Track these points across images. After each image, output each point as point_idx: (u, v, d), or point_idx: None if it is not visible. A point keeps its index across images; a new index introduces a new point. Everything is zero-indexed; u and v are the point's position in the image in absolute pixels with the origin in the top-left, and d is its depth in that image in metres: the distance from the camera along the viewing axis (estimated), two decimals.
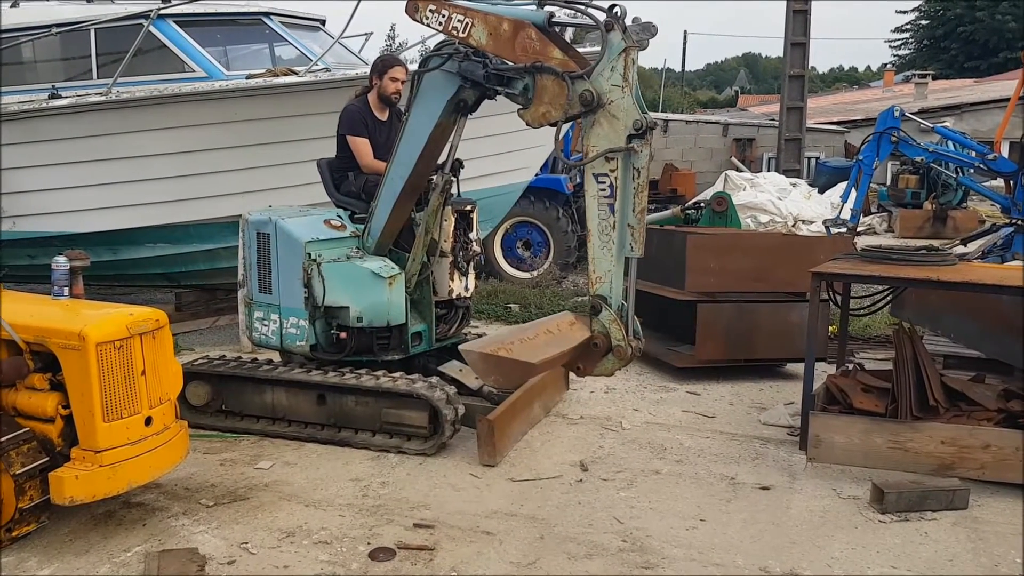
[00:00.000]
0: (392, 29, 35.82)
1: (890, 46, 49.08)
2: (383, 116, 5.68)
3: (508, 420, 4.92)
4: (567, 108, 3.96)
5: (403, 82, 5.57)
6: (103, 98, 7.18)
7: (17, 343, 3.77)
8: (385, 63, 5.71)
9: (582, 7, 3.98)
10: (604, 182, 3.91)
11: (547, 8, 4.08)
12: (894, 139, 10.75)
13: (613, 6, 3.84)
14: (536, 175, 9.25)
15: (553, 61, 4.01)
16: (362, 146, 5.55)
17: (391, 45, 30.65)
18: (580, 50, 4.41)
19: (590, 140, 3.94)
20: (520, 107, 4.20)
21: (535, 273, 10.67)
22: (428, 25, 4.41)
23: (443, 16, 4.28)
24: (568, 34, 4.98)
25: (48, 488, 3.61)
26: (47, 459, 3.67)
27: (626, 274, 4.02)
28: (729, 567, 3.66)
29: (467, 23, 4.22)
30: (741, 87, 63.73)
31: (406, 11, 4.44)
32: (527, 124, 4.20)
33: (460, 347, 4.17)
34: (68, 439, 3.75)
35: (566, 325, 4.16)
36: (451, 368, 5.49)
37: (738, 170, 18.34)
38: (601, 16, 3.86)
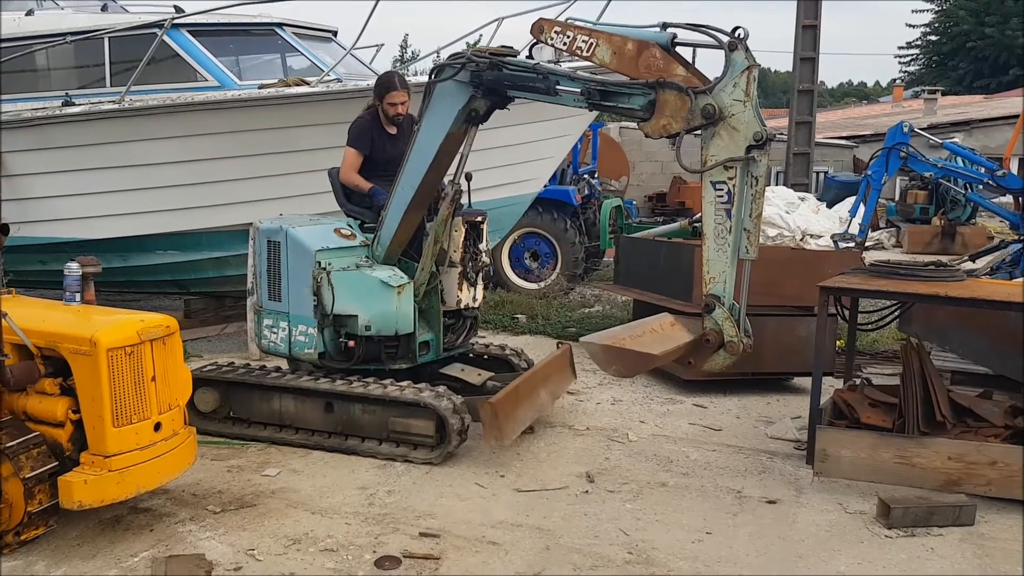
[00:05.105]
0: (405, 40, 35.75)
1: (899, 61, 48.83)
2: (392, 129, 5.68)
3: (512, 403, 4.91)
4: (689, 120, 4.13)
5: (403, 104, 5.53)
6: (116, 106, 7.26)
7: (28, 348, 3.80)
8: (383, 87, 5.58)
9: (706, 28, 4.16)
10: (721, 189, 4.15)
11: (670, 30, 4.28)
12: (903, 154, 10.76)
13: (736, 28, 4.05)
14: (545, 186, 9.28)
15: (676, 78, 4.19)
16: (350, 157, 5.56)
17: (403, 55, 30.70)
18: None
19: (709, 150, 4.14)
20: (639, 120, 4.37)
21: (542, 284, 10.68)
22: (552, 45, 4.60)
23: (568, 37, 4.47)
24: None
25: (57, 492, 3.63)
26: (56, 463, 3.70)
27: (739, 276, 4.23)
28: None
29: (591, 43, 4.39)
30: None
31: (531, 31, 4.63)
32: (646, 135, 4.38)
33: (581, 339, 4.45)
34: (78, 444, 3.77)
35: (668, 324, 4.50)
36: (453, 368, 5.52)
37: None
38: (724, 38, 4.06)
